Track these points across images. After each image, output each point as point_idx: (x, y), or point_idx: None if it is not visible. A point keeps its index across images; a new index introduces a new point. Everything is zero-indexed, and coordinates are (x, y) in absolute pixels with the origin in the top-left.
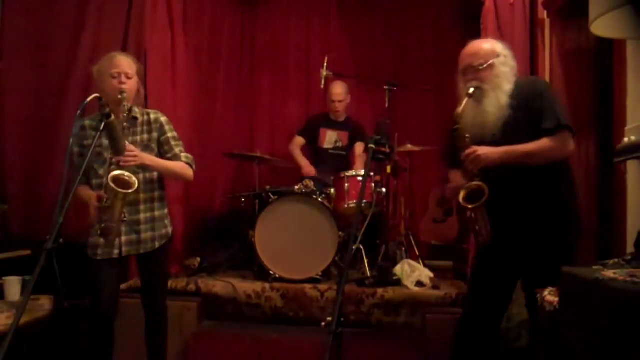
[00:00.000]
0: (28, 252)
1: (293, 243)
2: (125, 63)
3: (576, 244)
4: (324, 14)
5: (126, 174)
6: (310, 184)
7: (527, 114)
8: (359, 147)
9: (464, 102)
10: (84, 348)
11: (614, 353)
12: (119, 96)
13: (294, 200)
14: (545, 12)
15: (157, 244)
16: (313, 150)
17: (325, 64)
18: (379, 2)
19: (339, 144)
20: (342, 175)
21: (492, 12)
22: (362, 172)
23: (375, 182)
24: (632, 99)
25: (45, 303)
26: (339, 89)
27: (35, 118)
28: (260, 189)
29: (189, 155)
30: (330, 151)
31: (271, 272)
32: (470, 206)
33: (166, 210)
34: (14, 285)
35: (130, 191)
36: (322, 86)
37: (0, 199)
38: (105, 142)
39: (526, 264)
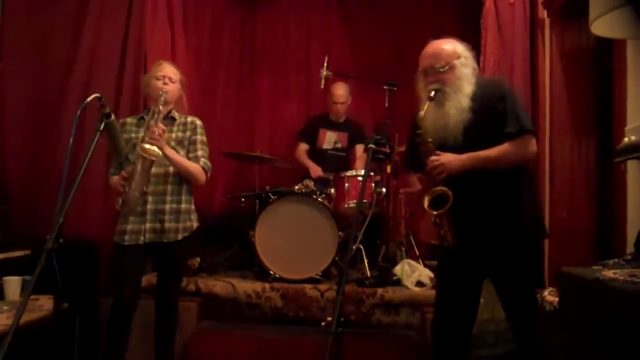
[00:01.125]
0: (28, 252)
1: (293, 243)
2: (170, 70)
3: (540, 245)
4: (324, 14)
5: (155, 147)
6: (310, 184)
7: (488, 117)
8: (360, 149)
9: (426, 105)
10: (83, 348)
11: (614, 353)
12: (160, 93)
13: (294, 200)
14: (545, 12)
15: (180, 236)
16: (312, 151)
17: (325, 64)
18: (379, 2)
19: (338, 145)
20: (342, 175)
21: (492, 12)
22: (362, 172)
23: (375, 182)
24: (632, 99)
25: (45, 303)
26: (341, 91)
27: (35, 118)
28: (260, 189)
29: (208, 162)
30: (330, 152)
31: (271, 272)
32: (435, 212)
33: (192, 206)
34: (14, 285)
35: (154, 159)
36: (322, 86)
37: (1, 199)
38: (142, 135)
39: (491, 265)
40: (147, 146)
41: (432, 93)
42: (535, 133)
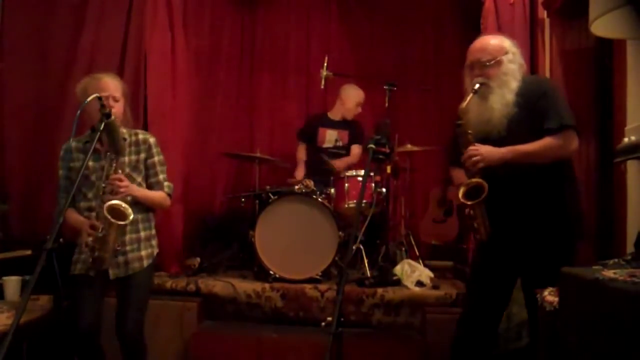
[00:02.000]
0: (28, 252)
1: (293, 243)
2: (112, 85)
3: (576, 245)
4: (324, 14)
5: (123, 204)
6: (310, 184)
7: (531, 113)
8: (355, 149)
9: (469, 97)
10: None
11: (614, 353)
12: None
13: (294, 200)
14: (545, 12)
15: (145, 263)
16: (312, 150)
17: (325, 64)
18: (379, 2)
19: (339, 143)
20: (342, 175)
21: (492, 12)
22: (362, 172)
23: (375, 182)
24: (632, 99)
25: (45, 303)
26: (361, 93)
27: (36, 118)
28: (260, 189)
29: (170, 185)
30: (331, 150)
31: (271, 272)
32: (469, 203)
33: (153, 231)
34: (14, 285)
35: (125, 222)
36: (322, 86)
37: (1, 199)
38: (92, 164)
39: (525, 263)
40: (115, 203)
41: (477, 86)
42: (577, 129)
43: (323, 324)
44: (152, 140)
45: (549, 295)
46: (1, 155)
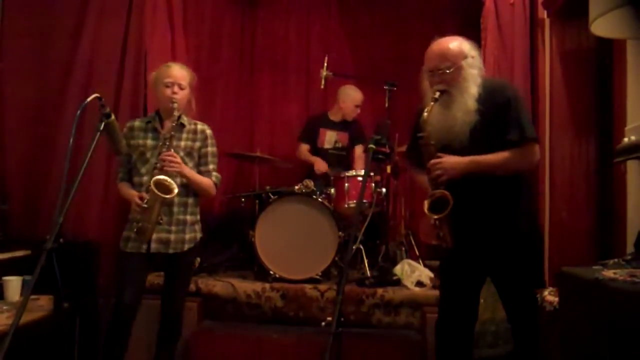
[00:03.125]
0: (28, 252)
1: (293, 243)
2: (180, 74)
3: (538, 245)
4: (324, 13)
5: (168, 179)
6: (310, 184)
7: (493, 121)
8: (359, 149)
9: (430, 107)
10: (83, 348)
11: (614, 353)
12: (171, 105)
13: (294, 200)
14: (545, 12)
15: (185, 247)
16: (313, 151)
17: (325, 64)
18: (378, 2)
19: (339, 144)
20: (342, 175)
21: (492, 12)
22: (362, 172)
23: (375, 182)
24: (632, 99)
25: (45, 303)
26: (359, 94)
27: (35, 118)
28: (260, 189)
29: (219, 175)
30: (330, 151)
31: (271, 272)
32: (435, 217)
33: (198, 217)
34: (14, 285)
35: (170, 196)
36: (322, 86)
37: (1, 199)
38: (149, 142)
39: (491, 266)
40: (162, 178)
41: (437, 94)
42: (538, 140)
43: (323, 324)
44: (208, 131)
45: (549, 295)
46: (1, 155)
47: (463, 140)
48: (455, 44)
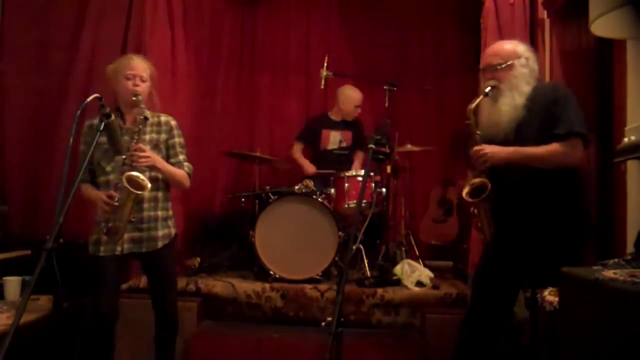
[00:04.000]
0: (28, 252)
1: (293, 243)
2: (141, 66)
3: (582, 247)
4: (324, 13)
5: (140, 175)
6: (310, 184)
7: (541, 119)
8: (359, 155)
9: (478, 99)
10: (84, 348)
11: (614, 353)
12: (133, 98)
13: (294, 200)
14: (545, 12)
15: (159, 244)
16: (316, 152)
17: (325, 64)
18: (378, 2)
19: (344, 144)
20: (342, 175)
21: (492, 12)
22: (362, 172)
23: (375, 182)
24: (632, 99)
25: (45, 303)
26: (359, 94)
27: (35, 118)
28: (260, 189)
29: (190, 166)
30: (336, 152)
31: (271, 272)
32: (471, 200)
33: (170, 212)
34: (14, 285)
35: (142, 192)
36: (322, 86)
37: (0, 199)
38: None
39: (531, 265)
40: (133, 174)
41: (488, 89)
42: (587, 137)
43: (323, 324)
44: (173, 122)
45: (549, 295)
46: (1, 155)
47: (509, 135)
48: (510, 44)
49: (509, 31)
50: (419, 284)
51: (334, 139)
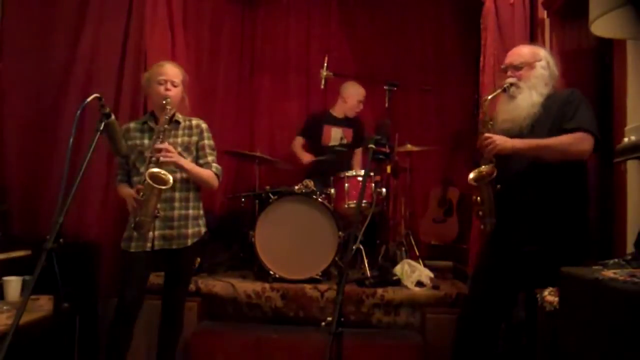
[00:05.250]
0: (28, 252)
1: (293, 243)
2: (172, 72)
3: (583, 250)
4: (324, 13)
5: (163, 171)
6: (311, 184)
7: (554, 118)
8: (359, 153)
9: (496, 92)
10: (83, 348)
11: (614, 353)
12: (163, 102)
13: (294, 200)
14: (545, 12)
15: (189, 242)
16: (316, 148)
17: (325, 64)
18: (379, 2)
19: (344, 141)
20: (342, 175)
21: (492, 12)
22: (362, 172)
23: (375, 182)
24: (632, 99)
25: (45, 303)
26: (362, 89)
27: (35, 118)
28: (260, 189)
29: (219, 167)
30: (336, 148)
31: (271, 272)
32: (475, 183)
33: (201, 211)
34: (14, 285)
35: (164, 187)
36: (322, 86)
37: (1, 199)
38: (146, 142)
39: (531, 266)
40: (156, 171)
41: (507, 85)
42: (597, 135)
43: (323, 324)
44: (204, 125)
45: (549, 295)
46: (1, 155)
47: (524, 130)
48: (533, 47)
49: (509, 31)
50: (419, 284)
51: (335, 135)
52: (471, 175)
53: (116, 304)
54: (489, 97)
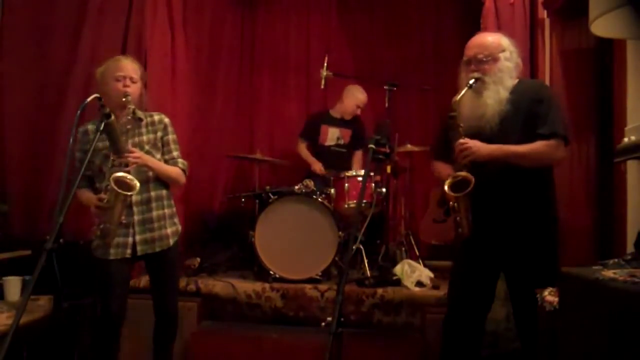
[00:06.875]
0: (28, 252)
1: (293, 243)
2: (130, 67)
3: (558, 245)
4: (324, 13)
5: (128, 176)
6: (311, 184)
7: (525, 116)
8: (359, 155)
9: (463, 91)
10: (83, 348)
11: (614, 353)
12: (123, 99)
13: (294, 200)
14: (545, 12)
15: (171, 241)
16: (313, 148)
17: (325, 64)
18: (378, 2)
19: (341, 141)
20: (342, 175)
21: (492, 12)
22: (362, 172)
23: (375, 182)
24: (632, 99)
25: (45, 303)
26: (364, 97)
27: (35, 118)
28: (260, 189)
29: (185, 162)
30: (332, 148)
31: (271, 272)
32: (454, 195)
33: (174, 209)
34: (14, 285)
35: (130, 193)
36: (322, 86)
37: (0, 199)
38: (108, 143)
39: (508, 261)
40: (121, 175)
41: (472, 81)
42: (568, 140)
43: (323, 324)
44: (167, 120)
45: (549, 295)
46: (1, 155)
47: (494, 128)
48: (495, 37)
49: (509, 31)
50: (419, 284)
51: (332, 135)
52: (446, 187)
53: (100, 313)
54: (458, 98)
